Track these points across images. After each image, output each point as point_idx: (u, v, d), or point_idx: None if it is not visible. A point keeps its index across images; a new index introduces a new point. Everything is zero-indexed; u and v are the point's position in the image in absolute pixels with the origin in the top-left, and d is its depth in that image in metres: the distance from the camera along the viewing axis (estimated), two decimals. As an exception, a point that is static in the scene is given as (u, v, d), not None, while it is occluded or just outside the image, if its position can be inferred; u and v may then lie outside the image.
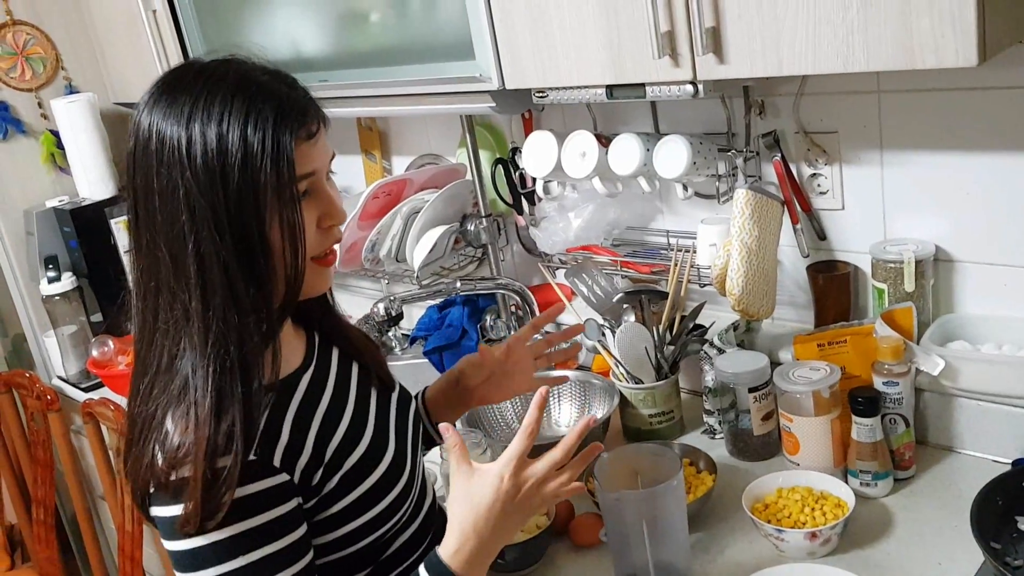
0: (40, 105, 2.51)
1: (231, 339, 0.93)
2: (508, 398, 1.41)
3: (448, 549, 0.98)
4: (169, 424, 0.92)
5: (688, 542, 1.25)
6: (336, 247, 1.05)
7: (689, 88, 1.28)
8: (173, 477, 0.90)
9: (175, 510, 0.91)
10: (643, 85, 1.33)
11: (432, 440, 1.34)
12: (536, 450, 1.06)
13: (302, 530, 0.97)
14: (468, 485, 1.00)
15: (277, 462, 0.95)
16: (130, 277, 1.00)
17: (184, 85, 0.95)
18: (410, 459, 1.13)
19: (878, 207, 1.50)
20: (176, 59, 2.07)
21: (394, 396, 1.20)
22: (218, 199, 0.92)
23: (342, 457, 1.02)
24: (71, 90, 2.54)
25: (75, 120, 2.40)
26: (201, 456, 0.89)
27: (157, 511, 0.94)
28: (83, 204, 2.41)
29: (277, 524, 0.94)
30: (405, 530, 1.11)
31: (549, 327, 1.62)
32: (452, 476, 1.02)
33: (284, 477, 0.95)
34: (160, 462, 0.91)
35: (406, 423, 1.18)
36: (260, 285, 0.95)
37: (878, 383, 1.38)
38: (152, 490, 0.93)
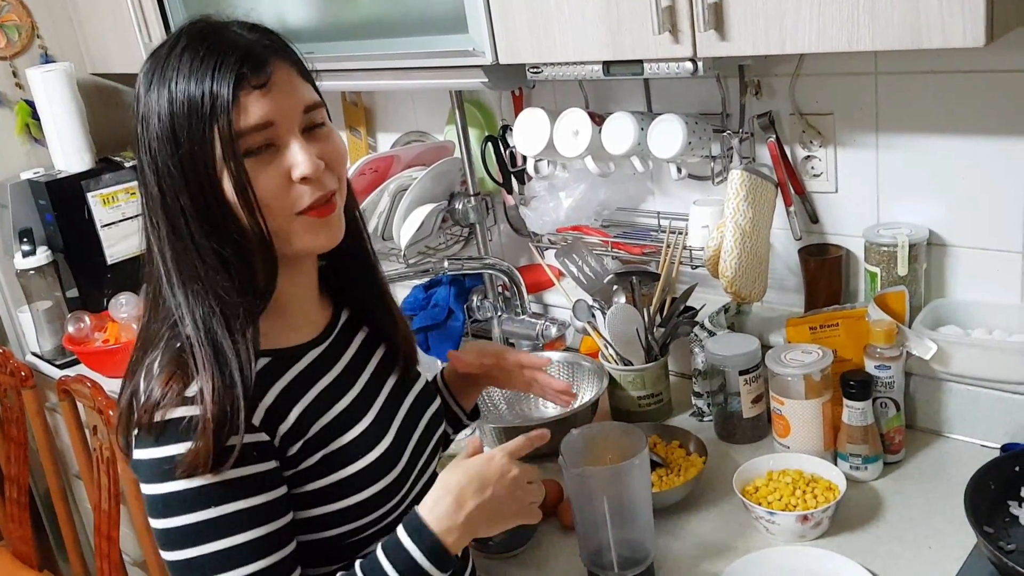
0: (15, 74, 2.44)
1: (218, 303, 0.93)
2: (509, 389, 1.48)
3: (425, 505, 0.99)
4: (156, 370, 0.93)
5: (652, 519, 1.23)
6: (335, 198, 1.00)
7: (689, 65, 1.26)
8: (157, 419, 0.91)
9: (158, 452, 0.92)
10: (641, 62, 1.31)
11: (459, 422, 1.35)
12: (522, 431, 1.07)
13: (279, 492, 0.96)
14: (465, 460, 1.03)
15: (257, 421, 0.95)
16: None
17: (153, 54, 0.96)
18: (407, 458, 1.10)
19: (872, 190, 1.49)
20: (156, 28, 2.02)
21: (413, 391, 1.17)
22: (175, 164, 0.92)
23: (327, 438, 1.01)
24: (47, 59, 2.47)
25: (51, 90, 2.34)
26: (211, 401, 0.90)
27: (140, 454, 0.94)
28: (59, 176, 2.35)
29: (253, 480, 0.94)
30: (390, 529, 1.05)
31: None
32: (456, 458, 1.05)
33: (263, 436, 0.95)
34: (140, 405, 0.93)
35: (415, 422, 1.15)
36: (235, 246, 0.95)
37: (870, 367, 1.37)
38: (136, 432, 0.94)
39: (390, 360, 1.15)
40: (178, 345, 0.94)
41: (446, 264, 1.85)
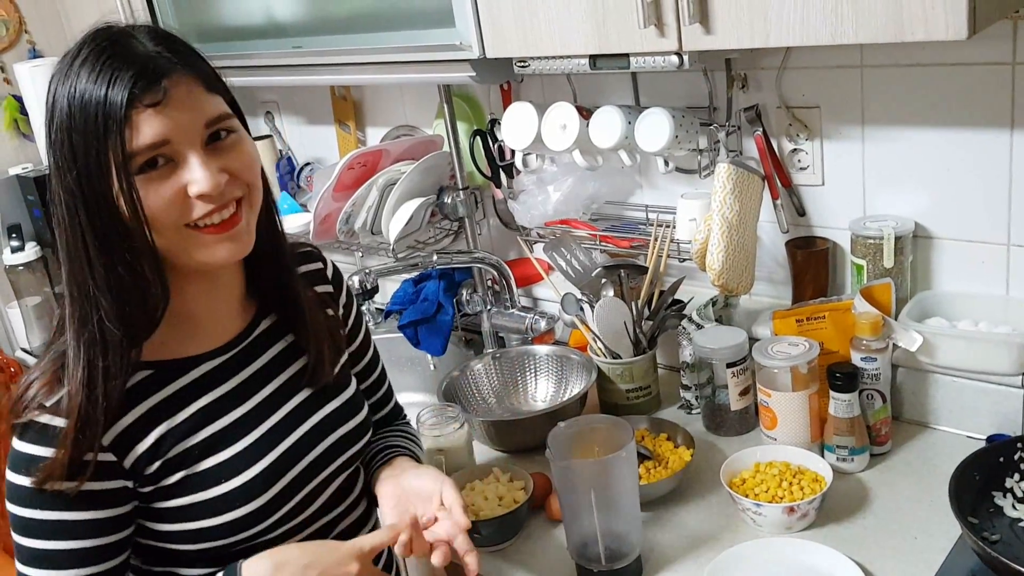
0: (3, 69, 2.44)
1: (95, 315, 0.94)
2: None
3: (250, 560, 0.99)
4: (37, 372, 0.98)
5: (639, 512, 1.24)
6: (241, 208, 0.98)
7: (674, 59, 1.26)
8: (24, 419, 0.96)
9: (18, 447, 0.96)
10: (627, 55, 1.32)
11: None
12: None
13: (115, 511, 0.99)
14: (321, 541, 1.07)
15: (107, 441, 0.97)
16: None
17: (61, 59, 0.95)
18: (288, 481, 1.06)
19: (858, 183, 1.50)
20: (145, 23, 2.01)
21: (329, 406, 1.12)
22: (73, 179, 0.91)
23: (188, 460, 1.01)
24: (35, 54, 2.47)
25: (39, 85, 2.33)
26: (75, 416, 0.93)
27: (12, 440, 0.98)
28: (47, 172, 2.34)
29: (89, 497, 0.96)
30: (270, 546, 1.03)
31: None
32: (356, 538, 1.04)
33: (110, 456, 0.97)
34: (19, 397, 0.97)
35: (317, 439, 1.09)
36: (127, 264, 0.94)
37: (856, 359, 1.38)
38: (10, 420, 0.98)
39: (304, 372, 1.11)
40: (60, 352, 0.97)
41: (435, 258, 1.86)
